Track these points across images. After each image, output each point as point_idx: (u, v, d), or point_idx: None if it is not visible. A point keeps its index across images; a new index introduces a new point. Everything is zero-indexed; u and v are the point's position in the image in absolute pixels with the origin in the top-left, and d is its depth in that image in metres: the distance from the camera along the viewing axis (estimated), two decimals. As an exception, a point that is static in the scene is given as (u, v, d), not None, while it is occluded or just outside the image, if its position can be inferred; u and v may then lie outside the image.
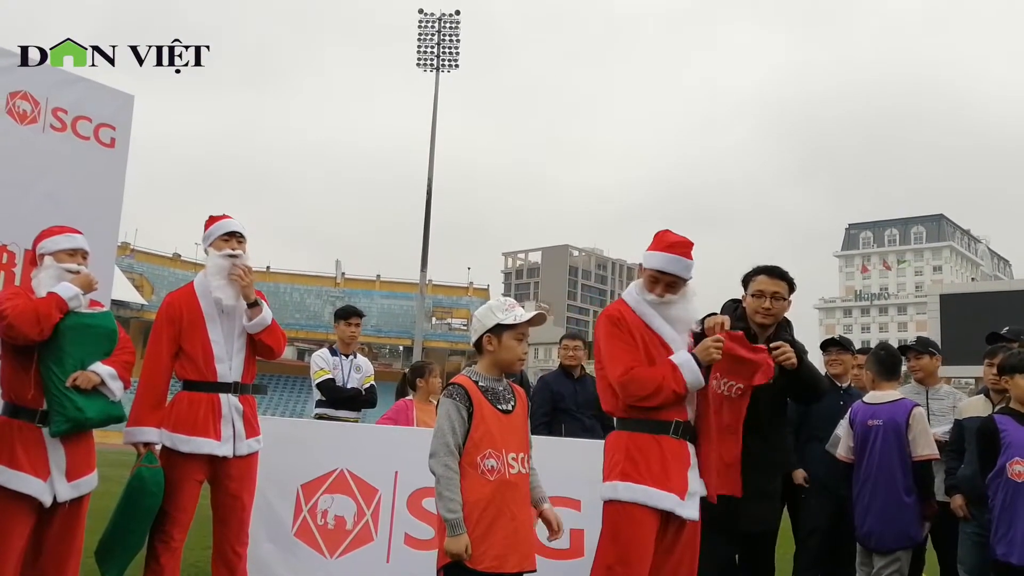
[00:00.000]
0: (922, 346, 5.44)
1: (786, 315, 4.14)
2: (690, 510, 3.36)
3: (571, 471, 4.43)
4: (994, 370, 4.81)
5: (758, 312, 4.02)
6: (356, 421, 6.15)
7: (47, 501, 3.54)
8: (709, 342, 3.41)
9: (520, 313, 3.20)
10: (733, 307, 4.20)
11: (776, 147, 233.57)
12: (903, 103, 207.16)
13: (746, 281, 4.17)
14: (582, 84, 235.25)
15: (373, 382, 6.49)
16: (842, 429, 5.01)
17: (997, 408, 4.45)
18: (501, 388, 3.19)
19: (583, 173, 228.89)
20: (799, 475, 5.11)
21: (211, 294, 4.18)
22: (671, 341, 3.47)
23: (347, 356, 6.41)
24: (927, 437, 4.62)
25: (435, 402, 5.59)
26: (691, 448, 3.48)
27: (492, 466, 3.01)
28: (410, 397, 6.09)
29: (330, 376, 6.24)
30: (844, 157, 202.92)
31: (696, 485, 3.43)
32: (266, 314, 4.25)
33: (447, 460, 2.99)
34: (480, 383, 3.15)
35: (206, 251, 4.32)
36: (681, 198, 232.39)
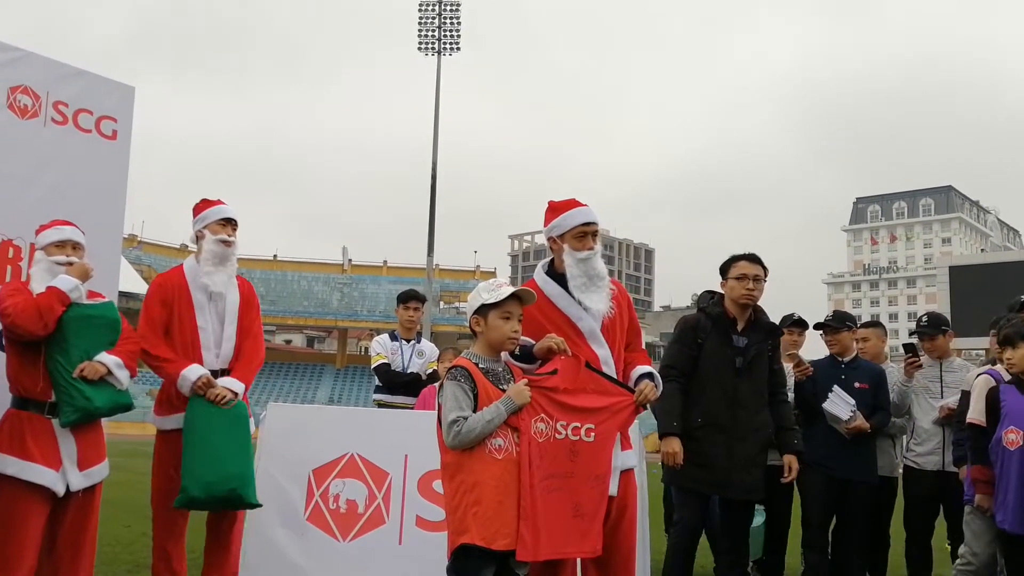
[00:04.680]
0: (934, 327, 5.41)
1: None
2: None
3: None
4: None
5: (742, 294, 4.30)
6: (414, 407, 5.91)
7: (60, 491, 3.58)
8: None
9: (504, 291, 3.13)
10: (710, 297, 4.39)
11: (793, 129, 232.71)
12: (914, 77, 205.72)
13: (725, 268, 4.44)
14: (592, 67, 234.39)
15: (436, 367, 6.19)
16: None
17: (1007, 380, 4.45)
18: (500, 369, 3.17)
19: (590, 155, 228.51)
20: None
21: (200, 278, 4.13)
22: (579, 320, 3.39)
23: (408, 341, 6.26)
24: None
25: None
26: None
27: (499, 445, 2.99)
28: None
29: (385, 361, 6.11)
30: (861, 135, 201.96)
31: (616, 460, 3.31)
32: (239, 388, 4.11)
33: (456, 428, 2.95)
34: (480, 365, 3.12)
35: (197, 233, 4.25)
36: (692, 181, 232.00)
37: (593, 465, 3.12)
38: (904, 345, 5.41)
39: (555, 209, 3.56)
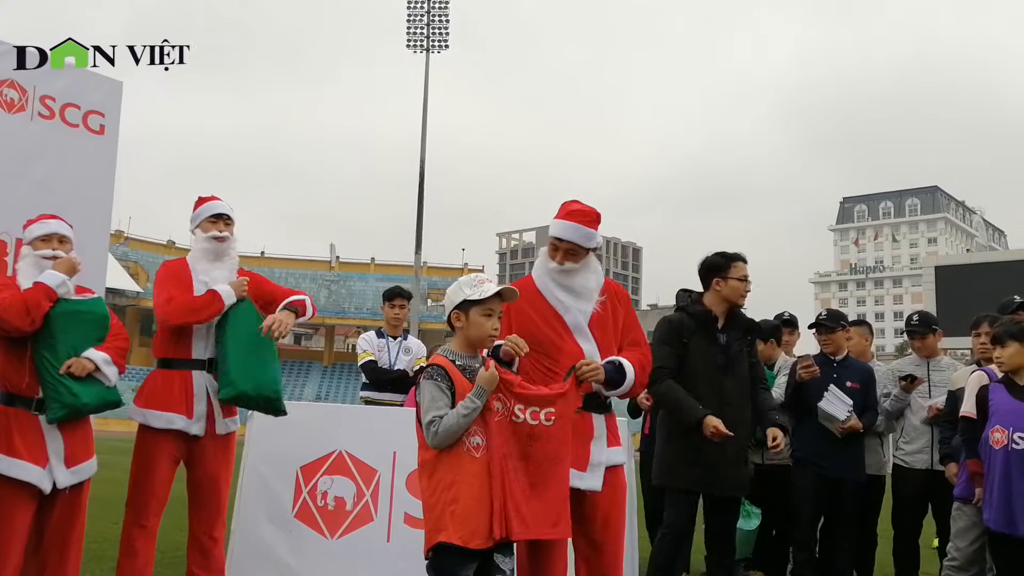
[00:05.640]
0: (924, 326, 5.43)
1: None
2: (590, 481, 3.31)
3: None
4: (981, 340, 4.83)
5: (742, 295, 4.41)
6: (402, 404, 5.86)
7: (46, 488, 3.54)
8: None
9: (488, 288, 3.10)
10: (687, 296, 4.43)
11: (785, 128, 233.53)
12: (907, 79, 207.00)
13: (718, 268, 4.42)
14: (592, 65, 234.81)
15: (424, 364, 6.17)
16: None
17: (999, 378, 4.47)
18: (477, 365, 3.12)
19: (587, 153, 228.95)
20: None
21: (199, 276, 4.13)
22: (565, 312, 3.42)
23: (395, 338, 6.29)
24: None
25: None
26: (596, 420, 3.42)
27: (478, 443, 2.97)
28: None
29: (372, 358, 6.12)
30: (850, 136, 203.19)
31: (601, 456, 3.36)
32: (304, 309, 4.22)
33: (434, 428, 2.93)
34: (457, 362, 3.10)
35: (192, 232, 4.26)
36: (685, 180, 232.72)
37: (550, 448, 3.03)
38: (900, 377, 5.33)
39: (559, 210, 3.57)
